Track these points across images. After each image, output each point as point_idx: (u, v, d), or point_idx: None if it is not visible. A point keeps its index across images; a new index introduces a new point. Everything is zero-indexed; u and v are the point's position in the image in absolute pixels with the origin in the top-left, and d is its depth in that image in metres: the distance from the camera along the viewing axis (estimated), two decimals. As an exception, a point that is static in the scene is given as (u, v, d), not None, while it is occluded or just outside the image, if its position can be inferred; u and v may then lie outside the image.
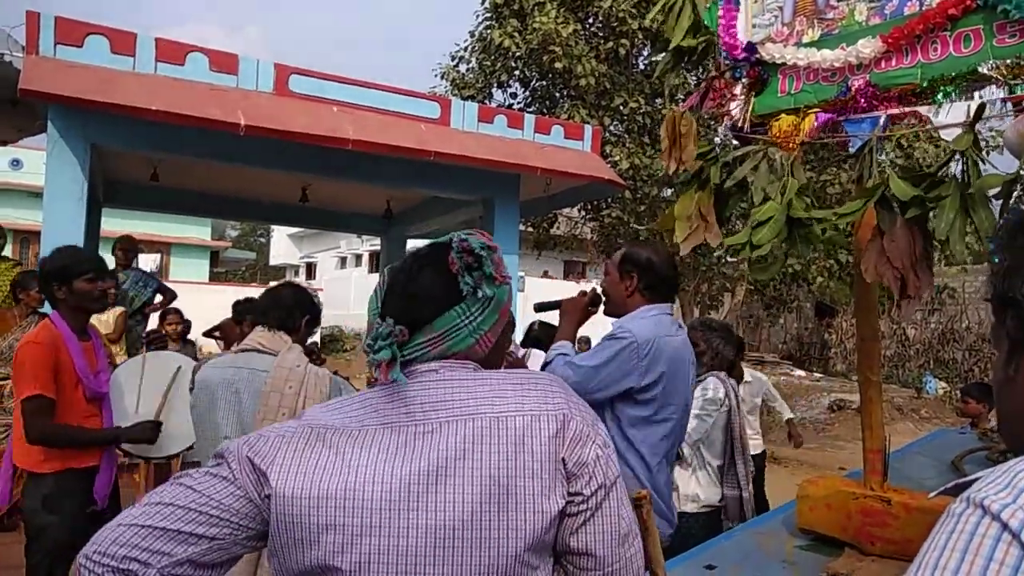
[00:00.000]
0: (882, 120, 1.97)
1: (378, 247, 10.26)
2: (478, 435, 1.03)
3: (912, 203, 1.78)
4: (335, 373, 2.67)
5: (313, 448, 1.04)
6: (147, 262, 15.29)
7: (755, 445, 4.77)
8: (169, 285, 7.10)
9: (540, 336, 3.94)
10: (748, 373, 5.06)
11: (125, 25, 4.57)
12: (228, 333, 5.16)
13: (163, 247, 22.76)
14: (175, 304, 6.67)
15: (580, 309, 2.65)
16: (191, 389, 2.56)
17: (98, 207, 6.78)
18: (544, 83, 10.69)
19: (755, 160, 2.14)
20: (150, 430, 3.15)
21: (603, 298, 2.65)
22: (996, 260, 0.80)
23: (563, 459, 1.04)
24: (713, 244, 2.27)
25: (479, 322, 1.12)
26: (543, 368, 2.53)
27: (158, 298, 6.73)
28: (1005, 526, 0.60)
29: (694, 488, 3.50)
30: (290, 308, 2.62)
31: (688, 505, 3.45)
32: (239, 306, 4.73)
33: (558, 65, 9.39)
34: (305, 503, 1.00)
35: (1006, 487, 0.63)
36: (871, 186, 1.90)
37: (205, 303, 9.49)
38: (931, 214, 1.78)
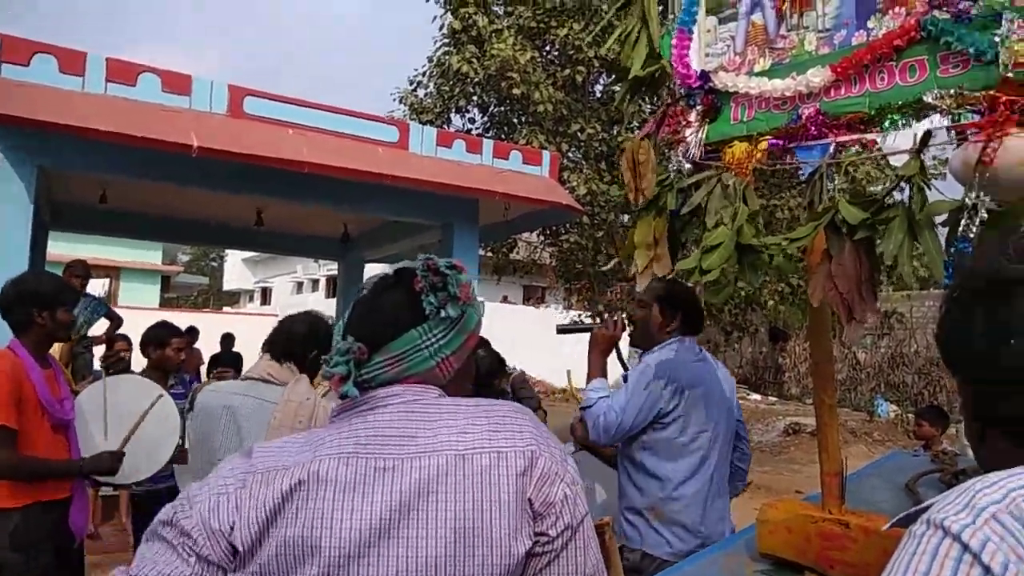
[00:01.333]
0: (832, 147, 2.01)
1: (335, 272, 10.14)
2: (442, 473, 0.98)
3: (861, 226, 1.81)
4: None
5: (269, 496, 0.98)
6: (95, 287, 14.86)
7: None
8: (118, 311, 6.89)
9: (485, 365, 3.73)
10: None
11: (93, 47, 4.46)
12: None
13: (112, 272, 22.17)
14: (120, 330, 6.49)
15: (611, 341, 2.69)
16: (189, 411, 2.49)
17: (44, 230, 6.58)
18: (502, 109, 10.77)
19: (709, 186, 2.16)
20: (112, 460, 3.02)
21: (629, 328, 2.76)
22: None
23: (530, 499, 1.00)
24: (659, 274, 2.28)
25: (441, 344, 1.09)
26: (584, 411, 2.60)
27: (101, 327, 6.54)
28: (966, 547, 0.60)
29: None
30: (299, 338, 2.53)
31: None
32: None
33: (516, 91, 9.48)
34: (269, 554, 0.96)
35: (965, 507, 0.63)
36: (821, 210, 1.93)
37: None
38: (878, 238, 1.82)
